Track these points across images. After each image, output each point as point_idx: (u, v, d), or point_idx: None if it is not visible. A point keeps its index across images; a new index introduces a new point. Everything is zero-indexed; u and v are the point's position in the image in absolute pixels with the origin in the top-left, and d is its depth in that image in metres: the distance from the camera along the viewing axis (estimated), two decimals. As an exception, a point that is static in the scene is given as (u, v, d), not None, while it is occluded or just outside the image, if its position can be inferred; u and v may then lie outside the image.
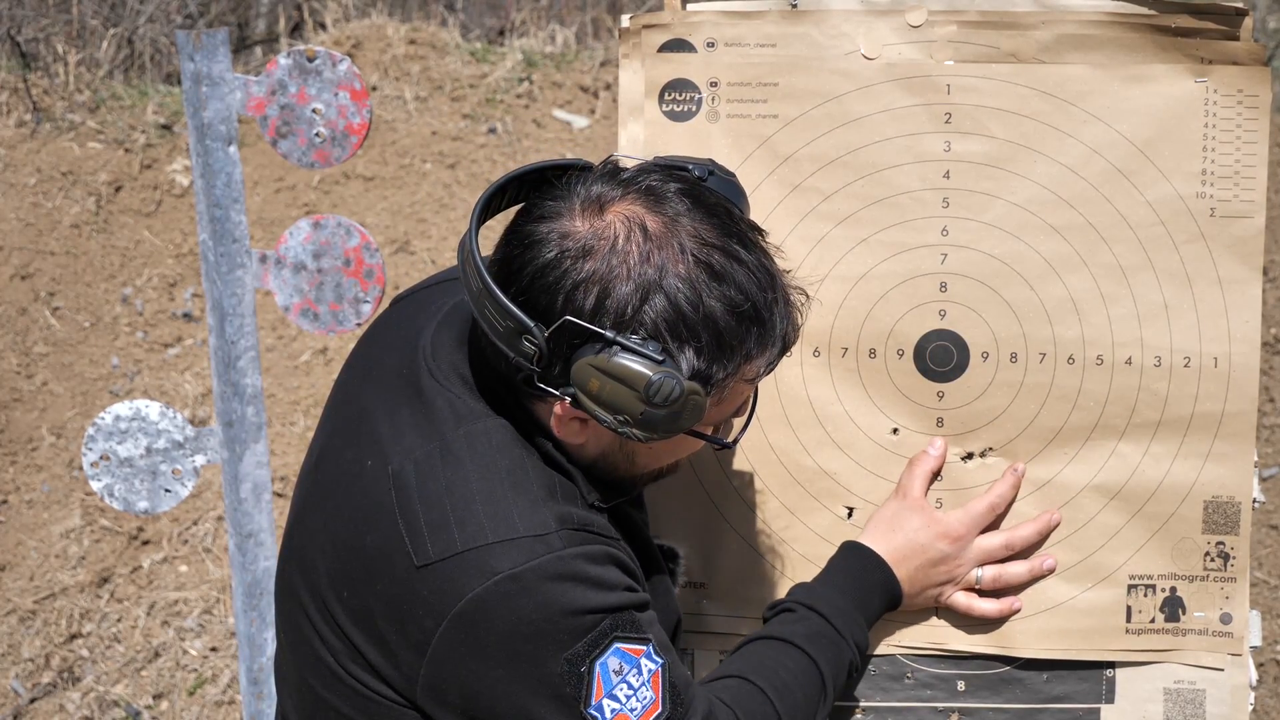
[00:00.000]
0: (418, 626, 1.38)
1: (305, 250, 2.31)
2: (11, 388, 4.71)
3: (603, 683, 1.38)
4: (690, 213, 1.38)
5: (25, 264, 5.11)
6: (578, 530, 1.40)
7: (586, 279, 1.34)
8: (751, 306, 1.37)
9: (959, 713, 1.76)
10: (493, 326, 1.36)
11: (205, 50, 2.23)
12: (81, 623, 3.94)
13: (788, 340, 1.43)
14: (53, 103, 5.69)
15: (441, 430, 1.43)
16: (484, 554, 1.36)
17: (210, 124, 2.25)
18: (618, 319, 1.33)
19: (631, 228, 1.35)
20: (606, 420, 1.36)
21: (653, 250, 1.35)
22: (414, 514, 1.40)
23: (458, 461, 1.41)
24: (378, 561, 1.41)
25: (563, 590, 1.36)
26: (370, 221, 5.27)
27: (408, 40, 6.05)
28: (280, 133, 2.27)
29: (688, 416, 1.36)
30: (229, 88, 2.25)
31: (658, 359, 1.33)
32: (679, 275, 1.34)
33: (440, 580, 1.37)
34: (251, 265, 2.32)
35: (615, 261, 1.34)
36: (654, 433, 1.36)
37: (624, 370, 1.33)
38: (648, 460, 1.49)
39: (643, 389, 1.32)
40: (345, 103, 2.26)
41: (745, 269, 1.37)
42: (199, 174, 2.29)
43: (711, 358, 1.36)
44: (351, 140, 2.27)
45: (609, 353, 1.33)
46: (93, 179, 5.39)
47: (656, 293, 1.34)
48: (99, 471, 2.35)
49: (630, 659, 1.40)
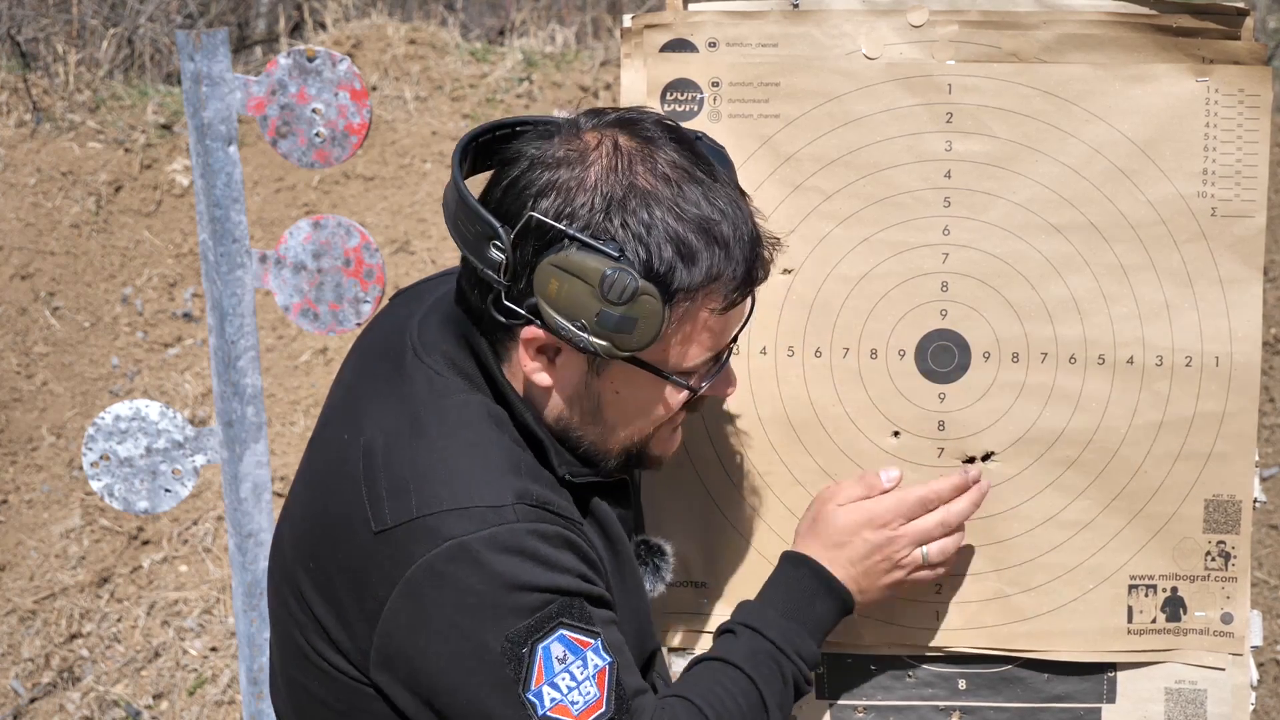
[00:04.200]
0: (372, 595, 1.38)
1: (305, 250, 2.31)
2: (11, 388, 4.71)
3: (544, 668, 1.36)
4: (668, 143, 1.40)
5: (25, 264, 5.11)
6: (535, 507, 1.39)
7: (554, 183, 1.36)
8: (716, 225, 1.38)
9: (960, 711, 1.76)
10: (465, 238, 1.39)
11: (205, 50, 2.23)
12: (81, 623, 3.94)
13: (754, 274, 1.43)
14: (53, 103, 5.69)
15: (415, 405, 1.44)
16: (438, 520, 1.36)
17: (210, 124, 2.25)
18: (580, 219, 1.35)
19: (603, 141, 1.39)
20: (564, 329, 1.36)
21: (622, 162, 1.37)
22: (376, 482, 1.41)
23: (425, 434, 1.42)
24: (340, 529, 1.42)
25: (510, 564, 1.35)
26: (370, 221, 5.27)
27: (408, 40, 6.05)
28: (280, 133, 2.27)
29: (643, 324, 1.36)
30: (229, 88, 2.25)
31: (614, 255, 1.35)
32: (646, 185, 1.37)
33: (394, 546, 1.37)
34: (251, 265, 2.31)
35: (583, 169, 1.37)
36: (611, 341, 1.36)
37: (581, 265, 1.34)
38: (615, 412, 1.47)
39: (598, 283, 1.34)
40: (345, 103, 2.26)
41: (716, 194, 1.40)
42: (199, 174, 2.29)
43: (670, 265, 1.37)
44: (351, 140, 2.27)
45: (568, 249, 1.35)
46: (93, 179, 5.39)
47: (620, 198, 1.36)
48: (99, 471, 2.35)
49: (576, 649, 1.37)
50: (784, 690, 1.55)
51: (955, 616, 1.74)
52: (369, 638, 1.39)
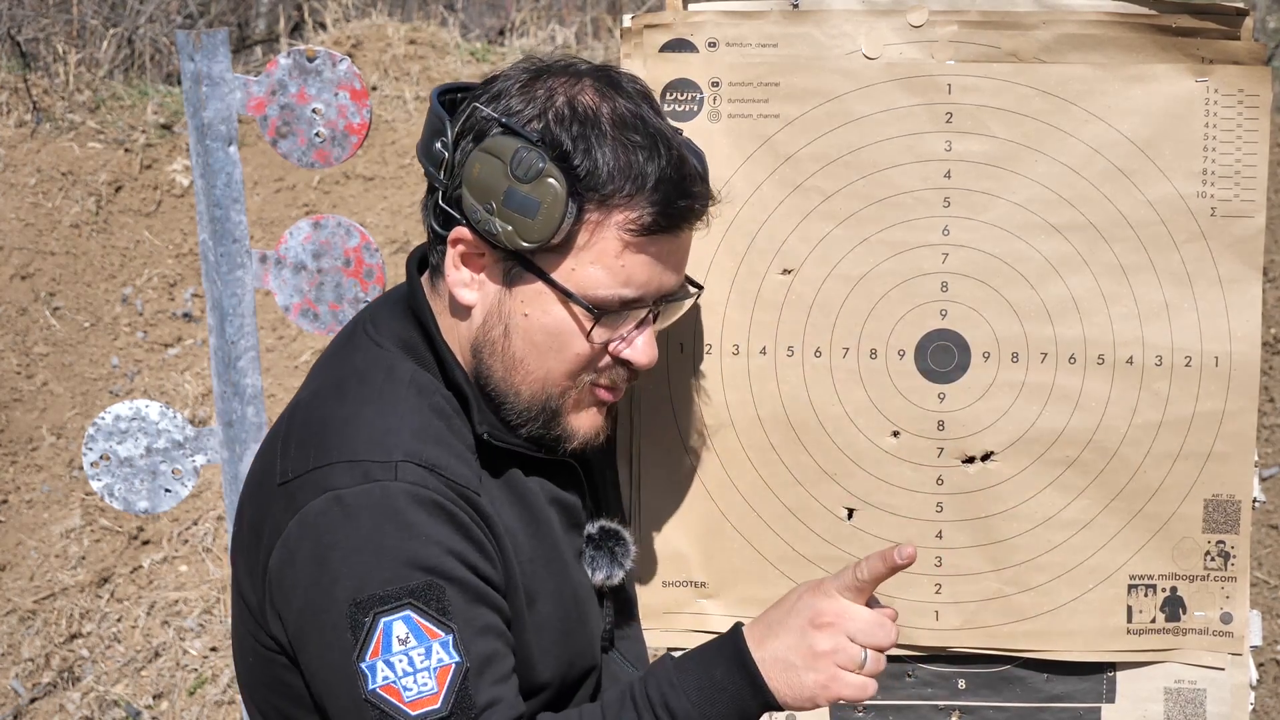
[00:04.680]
0: (267, 547, 1.39)
1: (305, 250, 2.31)
2: (11, 388, 4.71)
3: (383, 643, 1.32)
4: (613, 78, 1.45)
5: (25, 264, 5.11)
6: (421, 466, 1.37)
7: (502, 90, 1.44)
8: (647, 138, 1.42)
9: (960, 711, 1.76)
10: (424, 144, 1.46)
11: (205, 50, 2.22)
12: (81, 623, 3.94)
13: (672, 204, 1.42)
14: (53, 103, 5.69)
15: (345, 370, 1.48)
16: (325, 472, 1.37)
17: (210, 124, 2.25)
18: (516, 115, 1.41)
19: (555, 67, 1.45)
20: (475, 212, 1.40)
21: (568, 82, 1.43)
22: (289, 436, 1.44)
23: (343, 394, 1.45)
24: (256, 486, 1.46)
25: (374, 525, 1.34)
26: (370, 221, 5.26)
27: (408, 40, 6.05)
28: (280, 133, 2.27)
29: (545, 211, 1.38)
30: (229, 88, 2.25)
31: (531, 139, 1.39)
32: (587, 100, 1.42)
33: (287, 497, 1.39)
34: (251, 265, 2.32)
35: (530, 79, 1.44)
36: (514, 226, 1.39)
37: (500, 145, 1.40)
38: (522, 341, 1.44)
39: (509, 158, 1.38)
40: (345, 103, 2.26)
41: (656, 129, 1.43)
42: (199, 174, 2.29)
43: (580, 153, 1.40)
44: (351, 140, 2.27)
45: (496, 137, 1.40)
46: (93, 179, 5.39)
47: (557, 104, 1.41)
48: (99, 471, 2.35)
49: (421, 635, 1.33)
50: None
51: (954, 616, 1.74)
52: (264, 588, 1.40)
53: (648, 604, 1.77)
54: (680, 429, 1.76)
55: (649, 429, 1.76)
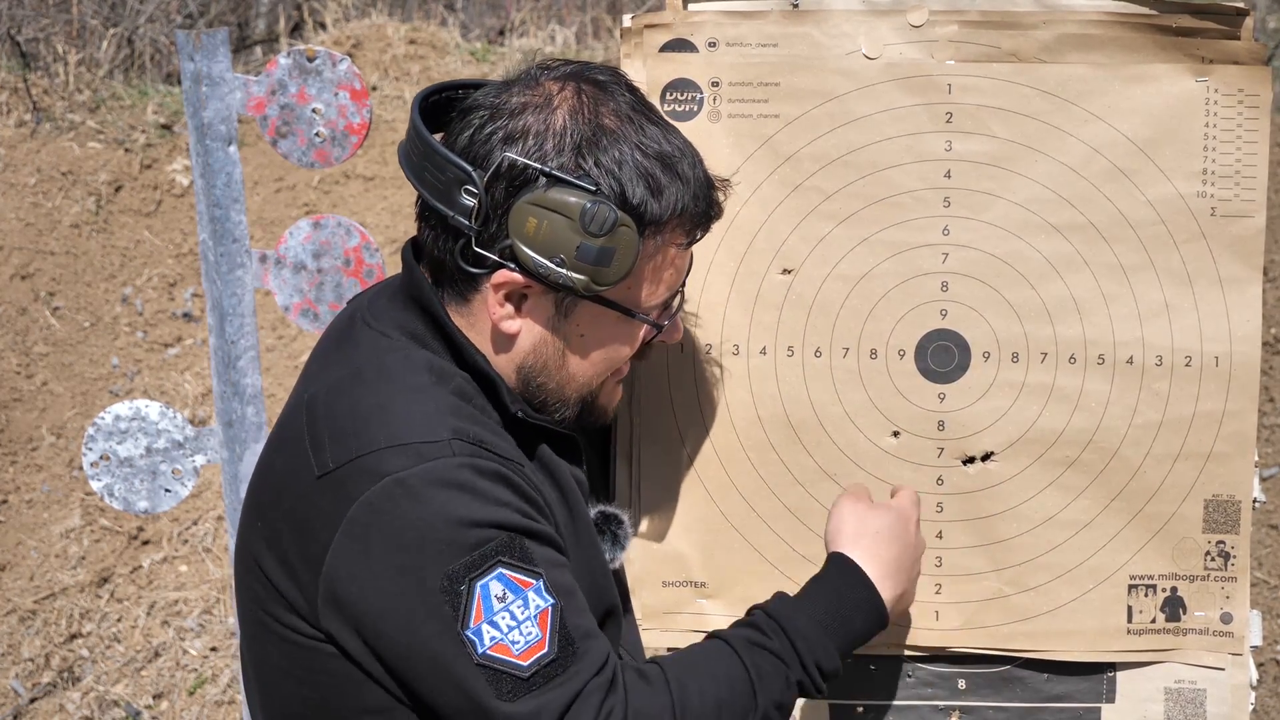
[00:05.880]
0: (315, 539, 1.39)
1: (305, 250, 2.31)
2: (11, 388, 4.71)
3: (483, 606, 1.34)
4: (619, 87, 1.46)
5: (25, 264, 5.11)
6: (471, 444, 1.39)
7: (523, 128, 1.40)
8: (676, 160, 1.43)
9: (960, 711, 1.76)
10: (434, 187, 1.41)
11: (205, 50, 2.23)
12: (81, 623, 3.94)
13: (712, 210, 1.48)
14: (53, 103, 5.69)
15: (358, 361, 1.47)
16: (376, 458, 1.37)
17: (210, 124, 2.25)
18: (555, 161, 1.39)
19: (564, 88, 1.43)
20: (543, 266, 1.39)
21: (586, 103, 1.42)
22: (319, 431, 1.42)
23: (365, 383, 1.44)
24: (285, 480, 1.44)
25: (447, 497, 1.35)
26: (370, 221, 5.27)
27: (408, 40, 6.05)
28: (280, 133, 2.27)
29: (620, 256, 1.40)
30: (229, 88, 2.25)
31: (591, 189, 1.38)
32: (613, 125, 1.41)
33: (335, 487, 1.38)
34: (251, 265, 2.32)
35: (549, 110, 1.41)
36: (589, 275, 1.39)
37: (560, 201, 1.38)
38: (579, 359, 1.49)
39: (578, 216, 1.37)
40: (345, 102, 2.26)
41: (670, 133, 1.45)
42: (199, 174, 2.29)
43: (642, 196, 1.41)
44: (351, 140, 2.27)
45: (545, 187, 1.38)
46: (93, 179, 5.40)
47: (590, 136, 1.40)
48: (99, 471, 2.36)
49: (516, 589, 1.35)
50: (781, 693, 1.49)
51: (955, 616, 1.74)
52: (315, 585, 1.39)
53: (648, 604, 1.77)
54: (680, 429, 1.76)
55: (649, 429, 1.76)
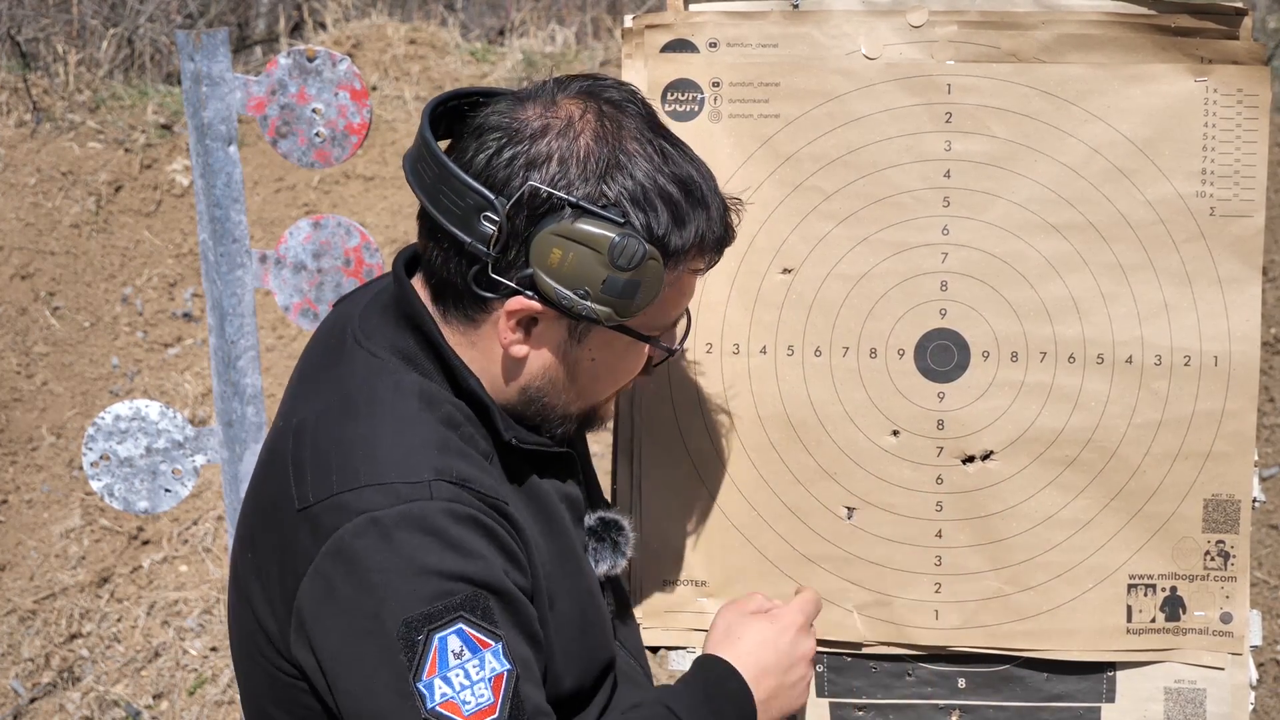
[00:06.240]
0: (292, 574, 1.37)
1: (305, 250, 2.31)
2: (11, 388, 4.71)
3: (439, 660, 1.31)
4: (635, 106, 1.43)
5: (25, 264, 5.11)
6: (454, 484, 1.36)
7: (545, 153, 1.37)
8: (698, 187, 1.41)
9: (960, 710, 1.76)
10: (449, 211, 1.38)
11: (205, 50, 2.23)
12: (81, 623, 3.94)
13: (728, 234, 1.46)
14: (53, 103, 5.69)
15: (348, 386, 1.44)
16: (355, 496, 1.34)
17: (210, 124, 2.25)
18: (579, 188, 1.36)
19: (585, 110, 1.39)
20: (565, 298, 1.37)
21: (608, 128, 1.39)
22: (302, 460, 1.40)
23: (354, 412, 1.41)
24: (270, 511, 1.42)
25: (418, 543, 1.32)
26: (370, 221, 5.27)
27: (408, 40, 6.05)
28: (280, 133, 2.27)
29: (646, 288, 1.38)
30: (229, 88, 2.25)
31: (620, 221, 1.36)
32: (635, 150, 1.38)
33: (313, 522, 1.35)
34: (251, 265, 2.32)
35: (572, 136, 1.37)
36: (613, 308, 1.37)
37: (588, 234, 1.35)
38: (588, 379, 1.47)
39: (607, 250, 1.35)
40: (345, 102, 2.26)
41: (688, 158, 1.43)
42: (199, 174, 2.29)
43: (668, 226, 1.39)
44: (351, 140, 2.27)
45: (572, 218, 1.35)
46: (93, 179, 5.40)
47: (614, 164, 1.37)
48: (99, 471, 2.36)
49: (474, 647, 1.33)
50: None
51: (954, 615, 1.74)
52: (288, 620, 1.38)
53: (648, 603, 1.77)
54: (681, 428, 1.76)
55: (649, 429, 1.76)
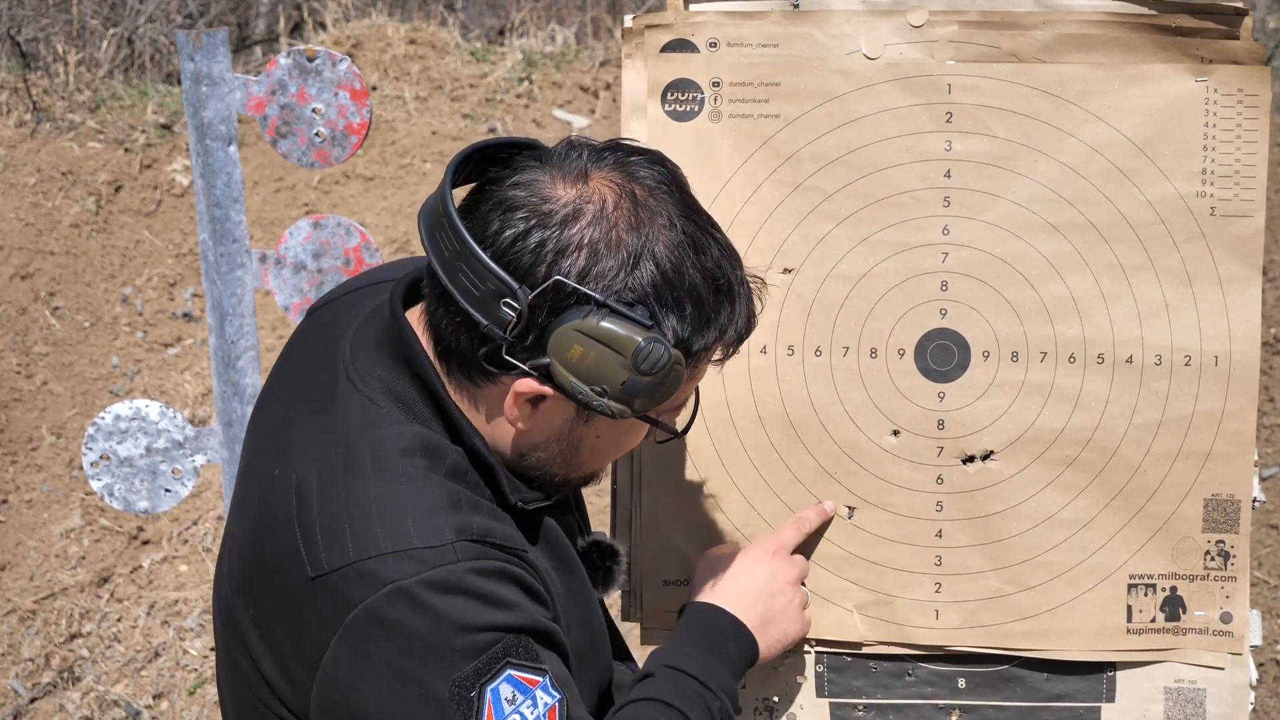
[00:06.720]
0: (312, 641, 1.34)
1: (305, 250, 2.31)
2: (11, 388, 4.71)
3: (494, 710, 1.31)
4: (668, 188, 1.37)
5: (25, 264, 5.11)
6: (476, 542, 1.34)
7: (575, 242, 1.31)
8: (726, 282, 1.37)
9: (959, 710, 1.77)
10: (468, 291, 1.32)
11: (205, 50, 2.23)
12: (81, 623, 3.94)
13: (751, 322, 1.42)
14: (53, 103, 5.69)
15: (348, 436, 1.38)
16: (376, 564, 1.31)
17: (210, 124, 2.25)
18: (607, 284, 1.31)
19: (621, 195, 1.33)
20: (581, 392, 1.33)
21: (641, 218, 1.33)
22: (311, 523, 1.35)
23: (359, 469, 1.36)
24: (276, 574, 1.37)
25: (452, 604, 1.30)
26: (370, 221, 5.27)
27: (408, 40, 6.05)
28: (280, 132, 2.27)
29: (665, 389, 1.35)
30: (229, 88, 2.25)
31: (647, 324, 1.31)
32: (667, 244, 1.33)
33: (332, 591, 1.32)
34: (251, 265, 2.32)
35: (605, 227, 1.31)
36: (629, 405, 1.34)
37: (613, 335, 1.30)
38: (590, 456, 1.45)
39: (631, 354, 1.30)
40: (345, 102, 2.26)
41: (719, 245, 1.38)
42: (199, 174, 2.29)
43: (693, 328, 1.35)
44: (351, 140, 2.28)
45: (597, 316, 1.30)
46: (93, 179, 5.40)
47: (646, 259, 1.32)
48: (99, 471, 2.36)
49: (524, 688, 1.32)
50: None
51: (954, 615, 1.74)
52: (309, 685, 1.35)
53: (648, 603, 1.77)
54: (680, 428, 1.76)
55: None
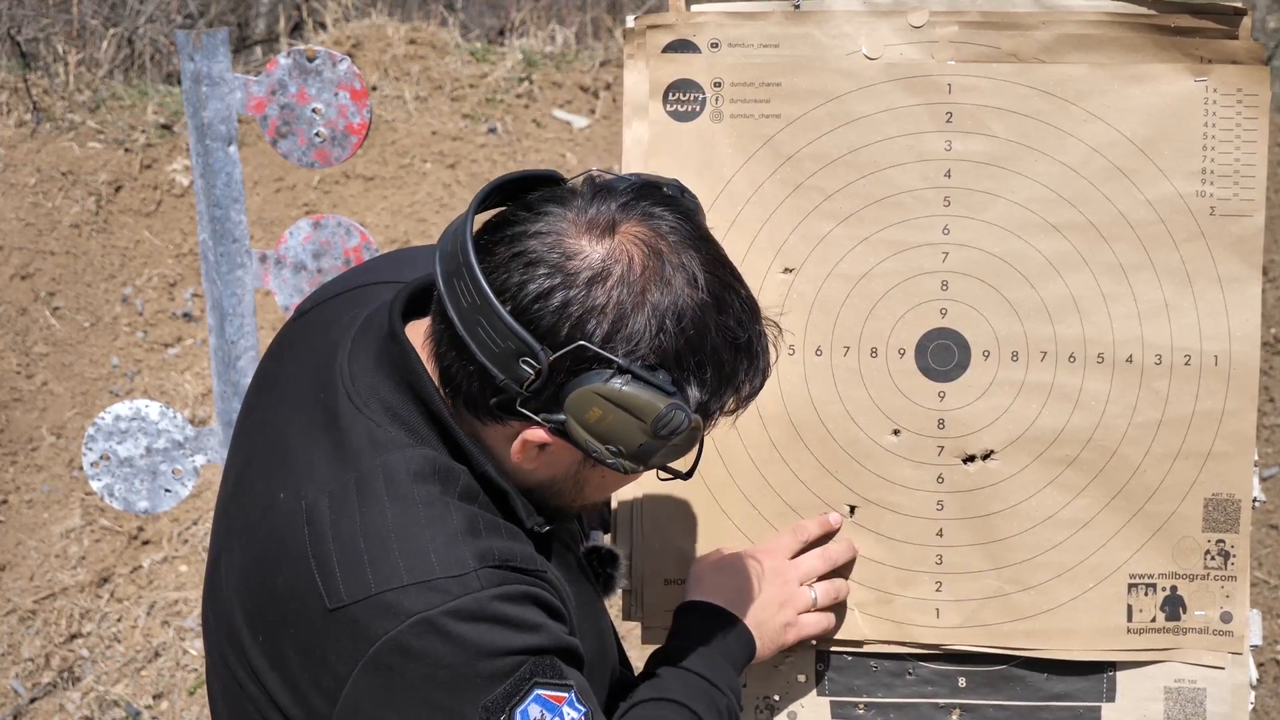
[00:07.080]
0: (330, 673, 1.32)
1: (305, 250, 2.31)
2: (11, 388, 4.71)
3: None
4: (693, 242, 1.34)
5: (25, 264, 5.11)
6: (497, 568, 1.33)
7: (600, 305, 1.29)
8: (746, 340, 1.35)
9: (960, 709, 1.77)
10: (485, 345, 1.30)
11: (205, 50, 2.23)
12: (81, 623, 3.94)
13: (766, 376, 1.41)
14: (53, 103, 5.69)
15: (358, 461, 1.36)
16: (398, 596, 1.30)
17: (210, 124, 2.25)
18: (631, 348, 1.29)
19: (648, 253, 1.31)
20: (595, 451, 1.32)
21: (667, 278, 1.31)
22: (326, 553, 1.33)
23: (373, 496, 1.34)
24: (290, 603, 1.35)
25: (479, 632, 1.30)
26: (370, 221, 5.27)
27: (408, 40, 6.05)
28: (280, 132, 2.27)
29: (681, 450, 1.35)
30: (229, 88, 2.25)
31: (669, 390, 1.30)
32: (692, 306, 1.31)
33: (353, 624, 1.30)
34: (251, 265, 2.32)
35: (631, 290, 1.29)
36: (642, 464, 1.34)
37: (634, 401, 1.29)
38: (595, 491, 1.45)
39: (652, 421, 1.30)
40: (345, 102, 2.26)
41: (739, 300, 1.36)
42: (199, 174, 2.29)
43: (712, 391, 1.34)
44: (351, 140, 2.28)
45: (619, 381, 1.29)
46: (93, 179, 5.40)
47: (671, 324, 1.30)
48: (99, 471, 2.36)
49: (552, 707, 1.33)
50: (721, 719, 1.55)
51: (955, 614, 1.75)
52: (327, 714, 1.34)
53: (649, 602, 1.78)
54: (681, 428, 1.76)
55: (650, 428, 1.76)
